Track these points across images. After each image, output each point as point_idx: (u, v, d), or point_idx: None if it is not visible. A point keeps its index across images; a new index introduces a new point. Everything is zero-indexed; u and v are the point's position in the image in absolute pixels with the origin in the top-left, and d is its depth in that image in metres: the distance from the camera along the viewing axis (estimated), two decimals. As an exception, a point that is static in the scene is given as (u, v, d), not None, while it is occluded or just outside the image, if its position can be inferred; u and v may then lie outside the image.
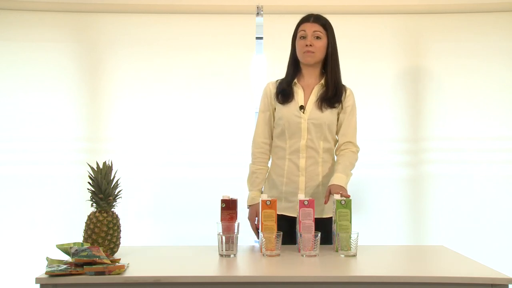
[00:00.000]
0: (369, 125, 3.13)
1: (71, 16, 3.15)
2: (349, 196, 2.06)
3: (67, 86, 3.14)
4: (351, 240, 1.94)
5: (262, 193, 2.31)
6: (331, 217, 2.20)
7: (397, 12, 3.18)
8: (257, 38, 3.18)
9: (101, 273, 1.65)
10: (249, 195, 2.33)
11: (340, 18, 3.12)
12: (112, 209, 1.98)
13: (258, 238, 2.30)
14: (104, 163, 1.96)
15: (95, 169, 1.94)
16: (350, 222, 2.02)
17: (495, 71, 3.16)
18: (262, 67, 3.13)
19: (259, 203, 2.26)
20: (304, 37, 2.25)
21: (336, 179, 2.17)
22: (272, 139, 2.35)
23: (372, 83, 3.15)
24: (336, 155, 2.32)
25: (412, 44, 3.20)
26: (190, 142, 3.15)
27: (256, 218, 2.29)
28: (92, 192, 1.95)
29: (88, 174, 1.95)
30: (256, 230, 2.30)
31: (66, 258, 1.83)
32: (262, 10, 3.11)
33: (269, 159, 2.36)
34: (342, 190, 2.10)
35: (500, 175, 3.15)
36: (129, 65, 3.16)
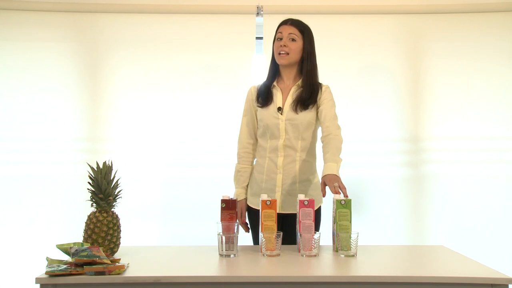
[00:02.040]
0: (369, 125, 3.14)
1: (71, 16, 3.15)
2: (345, 188, 2.03)
3: (67, 86, 3.15)
4: (351, 240, 1.94)
5: (246, 190, 2.40)
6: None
7: (397, 12, 3.18)
8: (257, 38, 3.18)
9: (101, 273, 1.65)
10: (235, 192, 2.40)
11: (340, 18, 3.13)
12: (112, 209, 1.98)
13: (246, 231, 2.37)
14: (104, 163, 1.96)
15: (95, 169, 1.94)
16: (350, 222, 2.02)
17: (495, 71, 3.16)
18: (262, 67, 3.13)
19: (244, 199, 2.37)
20: (280, 39, 2.32)
21: (327, 169, 2.13)
22: (256, 139, 2.42)
23: (372, 83, 3.15)
24: (322, 142, 2.31)
25: (412, 44, 3.20)
26: (190, 142, 3.16)
27: (242, 213, 2.36)
28: (92, 192, 1.95)
29: (88, 174, 1.95)
30: (243, 224, 2.36)
31: (66, 258, 1.83)
32: (262, 10, 3.11)
33: (253, 158, 2.42)
34: (336, 180, 2.06)
35: (500, 175, 3.16)
36: (129, 65, 3.16)
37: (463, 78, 3.16)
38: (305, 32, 2.34)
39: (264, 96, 2.36)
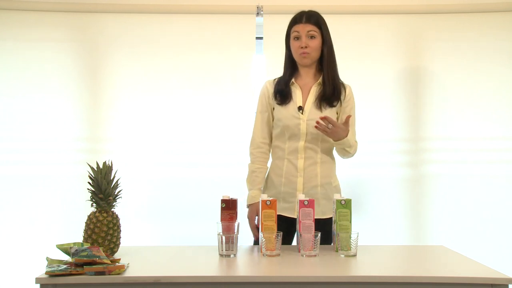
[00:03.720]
0: (370, 125, 3.13)
1: (71, 16, 3.15)
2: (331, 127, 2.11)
3: (67, 86, 3.14)
4: (351, 240, 1.94)
5: (262, 192, 2.30)
6: (331, 218, 2.20)
7: (397, 12, 3.18)
8: (257, 38, 3.18)
9: (101, 273, 1.65)
10: (249, 194, 2.31)
11: (340, 18, 3.13)
12: (112, 209, 1.98)
13: (256, 237, 2.28)
14: (104, 163, 1.96)
15: (95, 169, 1.94)
16: (350, 222, 2.02)
17: (495, 71, 3.16)
18: (262, 67, 3.13)
19: (258, 202, 2.25)
20: (298, 38, 2.24)
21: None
22: (271, 139, 2.34)
23: (372, 83, 3.15)
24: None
25: (412, 44, 3.20)
26: (190, 142, 3.15)
27: (256, 217, 2.28)
28: (92, 192, 1.95)
29: (88, 174, 1.95)
30: (255, 229, 2.29)
31: (66, 258, 1.83)
32: (262, 10, 3.11)
33: (268, 159, 2.35)
34: (343, 129, 2.15)
35: (500, 175, 3.16)
36: (129, 65, 3.16)
37: (463, 78, 3.16)
38: (322, 25, 2.25)
39: (282, 94, 2.27)
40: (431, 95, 3.17)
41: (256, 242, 2.27)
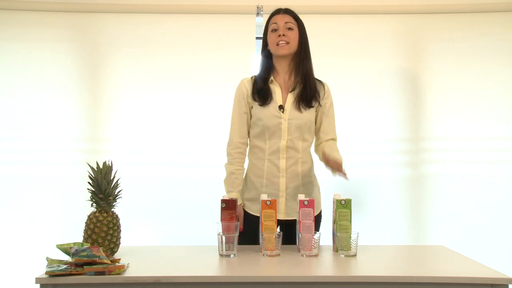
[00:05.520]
0: (369, 125, 3.14)
1: (71, 16, 3.15)
2: (345, 174, 2.08)
3: (67, 86, 3.15)
4: (351, 240, 1.94)
5: (241, 194, 2.27)
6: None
7: (397, 12, 3.18)
8: (257, 38, 3.17)
9: (101, 273, 1.65)
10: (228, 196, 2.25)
11: (340, 18, 3.14)
12: (112, 209, 1.98)
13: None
14: (104, 163, 1.96)
15: (95, 169, 1.94)
16: (350, 222, 2.02)
17: (495, 71, 3.16)
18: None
19: (240, 204, 2.24)
20: (275, 30, 2.23)
21: (336, 154, 2.16)
22: (248, 139, 2.30)
23: (372, 83, 3.16)
24: (318, 145, 2.30)
25: (412, 44, 3.20)
26: (190, 142, 3.16)
27: (239, 220, 2.21)
28: (92, 192, 1.95)
29: (88, 174, 1.95)
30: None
31: (66, 258, 1.83)
32: (262, 10, 3.11)
33: (245, 159, 2.31)
34: (339, 165, 2.10)
35: (500, 175, 3.16)
36: (129, 65, 3.16)
37: (463, 78, 3.16)
38: (299, 20, 2.26)
39: (262, 93, 2.23)
40: (431, 95, 3.17)
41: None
